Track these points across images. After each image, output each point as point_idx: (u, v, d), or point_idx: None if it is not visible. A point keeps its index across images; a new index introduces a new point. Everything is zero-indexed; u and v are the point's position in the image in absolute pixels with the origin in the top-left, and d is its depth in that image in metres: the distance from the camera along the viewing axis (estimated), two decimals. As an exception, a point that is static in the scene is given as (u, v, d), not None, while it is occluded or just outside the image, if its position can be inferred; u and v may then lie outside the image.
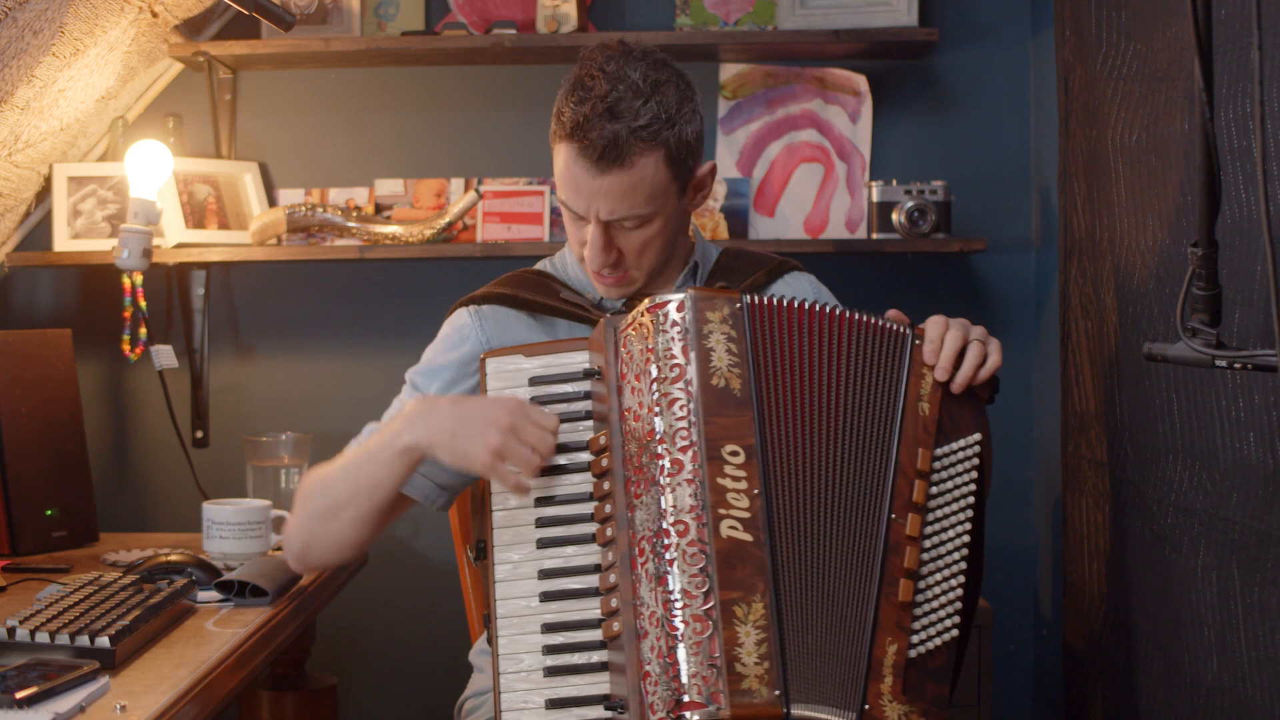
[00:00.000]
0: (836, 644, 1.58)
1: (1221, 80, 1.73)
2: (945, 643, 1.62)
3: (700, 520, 1.56)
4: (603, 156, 1.70)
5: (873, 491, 1.64)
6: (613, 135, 1.70)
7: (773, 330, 1.65)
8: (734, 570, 1.55)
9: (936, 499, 1.66)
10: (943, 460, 1.67)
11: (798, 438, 1.63)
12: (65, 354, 2.54)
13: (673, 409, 1.60)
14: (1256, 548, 1.70)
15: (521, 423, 1.63)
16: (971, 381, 1.68)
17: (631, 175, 1.72)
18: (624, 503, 1.61)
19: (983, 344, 1.70)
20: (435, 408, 1.70)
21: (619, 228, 1.76)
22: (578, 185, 1.74)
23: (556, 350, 1.73)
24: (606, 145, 1.69)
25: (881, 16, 2.77)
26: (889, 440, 1.65)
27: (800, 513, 1.60)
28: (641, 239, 1.78)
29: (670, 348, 1.62)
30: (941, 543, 1.65)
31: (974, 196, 2.86)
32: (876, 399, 1.66)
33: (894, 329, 1.69)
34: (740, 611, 1.54)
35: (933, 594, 1.63)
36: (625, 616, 1.58)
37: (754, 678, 1.52)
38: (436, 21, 2.89)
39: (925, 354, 1.68)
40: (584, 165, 1.72)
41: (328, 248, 2.78)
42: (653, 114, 1.72)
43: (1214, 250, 1.39)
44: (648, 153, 1.72)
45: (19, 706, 1.48)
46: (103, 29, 2.44)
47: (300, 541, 1.81)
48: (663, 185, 1.75)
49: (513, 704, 1.60)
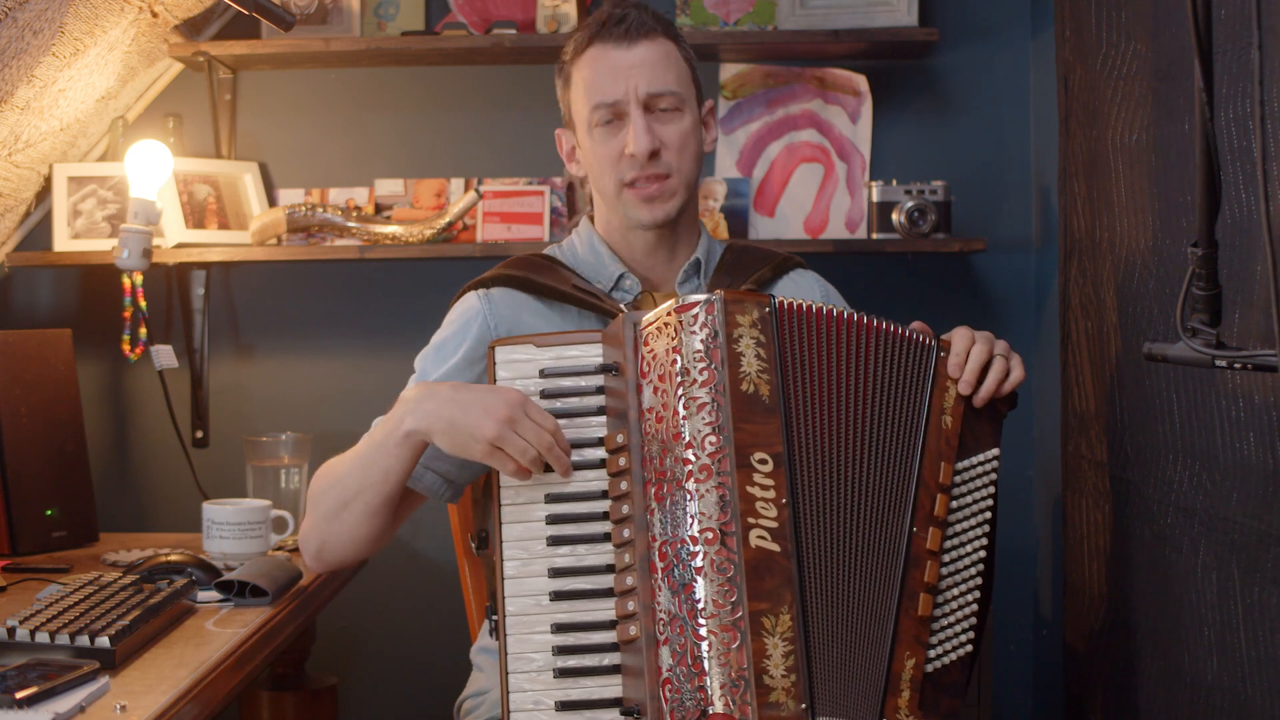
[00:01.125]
0: (858, 657, 1.58)
1: (1221, 80, 1.73)
2: (960, 658, 1.62)
3: (729, 529, 1.55)
4: (631, 29, 1.81)
5: (896, 504, 1.63)
6: (637, 16, 1.82)
7: (801, 335, 1.64)
8: (762, 581, 1.54)
9: (956, 513, 1.65)
10: (963, 474, 1.66)
11: (824, 446, 1.62)
12: (65, 354, 2.54)
13: (701, 413, 1.58)
14: (1256, 548, 1.70)
15: (519, 416, 1.62)
16: (995, 396, 1.68)
17: (661, 47, 1.82)
18: (642, 505, 1.59)
19: (1006, 359, 1.70)
20: (435, 394, 1.69)
21: (657, 115, 1.82)
22: (613, 69, 1.81)
23: (569, 342, 1.70)
24: (634, 22, 1.81)
25: (881, 16, 2.77)
26: (913, 453, 1.64)
27: (826, 523, 1.59)
28: (679, 132, 1.82)
29: (699, 350, 1.60)
30: (960, 557, 1.64)
31: (974, 196, 2.86)
32: (901, 411, 1.65)
33: (920, 340, 1.68)
34: (768, 623, 1.53)
35: (950, 608, 1.63)
36: (643, 621, 1.56)
37: (781, 690, 1.51)
38: (436, 21, 2.89)
39: (950, 367, 1.67)
40: (616, 44, 1.81)
41: (328, 248, 2.77)
42: (662, 19, 1.86)
43: (1214, 250, 1.39)
44: (668, 39, 1.84)
45: (19, 706, 1.48)
46: (103, 29, 2.44)
47: (315, 542, 1.82)
48: (687, 77, 1.85)
49: (522, 704, 1.58)
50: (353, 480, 1.76)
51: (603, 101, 1.81)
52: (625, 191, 1.83)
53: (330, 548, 1.81)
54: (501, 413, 1.62)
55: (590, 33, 1.84)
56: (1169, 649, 1.96)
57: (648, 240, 1.88)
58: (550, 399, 1.67)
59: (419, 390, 1.71)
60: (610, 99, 1.81)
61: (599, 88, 1.81)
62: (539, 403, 1.67)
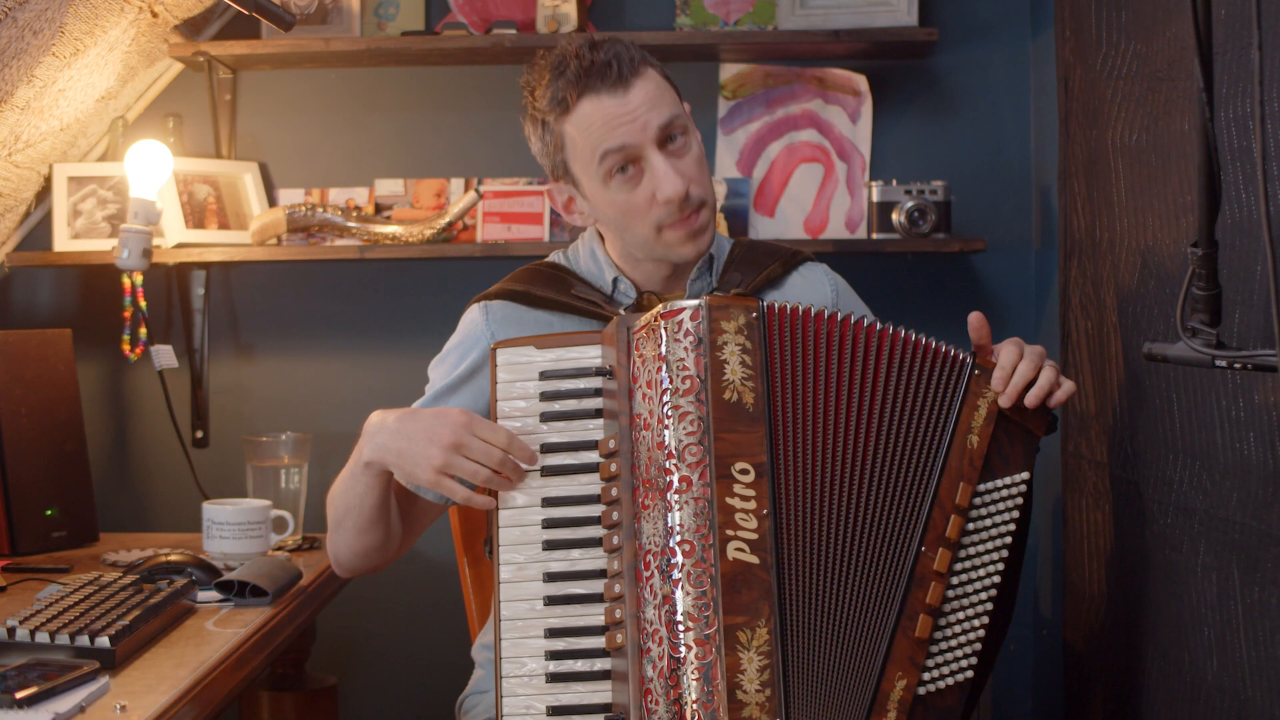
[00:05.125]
0: (843, 673, 1.56)
1: (1221, 80, 1.73)
2: (958, 683, 1.59)
3: (706, 541, 1.53)
4: (620, 71, 1.71)
5: (903, 521, 1.60)
6: (616, 52, 1.72)
7: (792, 342, 1.61)
8: (739, 594, 1.52)
9: (972, 535, 1.61)
10: (984, 497, 1.62)
11: (815, 457, 1.59)
12: (65, 354, 2.54)
13: (683, 422, 1.56)
14: (1256, 548, 1.70)
15: (465, 438, 1.61)
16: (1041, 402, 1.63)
17: (652, 80, 1.74)
18: (631, 512, 1.59)
19: (1056, 372, 1.65)
20: (384, 425, 1.69)
21: (672, 148, 1.75)
22: (616, 118, 1.72)
23: (569, 343, 1.69)
24: (618, 61, 1.71)
25: (881, 16, 2.77)
26: (930, 471, 1.61)
27: (813, 536, 1.57)
28: (696, 160, 1.77)
29: (683, 358, 1.58)
30: (970, 581, 1.61)
31: (974, 196, 2.86)
32: (918, 425, 1.62)
33: (948, 353, 1.65)
34: (744, 637, 1.51)
35: (952, 632, 1.60)
36: (629, 629, 1.56)
37: (755, 705, 1.49)
38: (436, 21, 2.89)
39: (994, 380, 1.63)
40: (610, 92, 1.72)
41: (328, 248, 2.77)
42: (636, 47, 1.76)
43: (1214, 250, 1.39)
44: (651, 68, 1.76)
45: (19, 706, 1.48)
46: (103, 29, 2.44)
47: (331, 551, 1.86)
48: (674, 93, 1.78)
49: (514, 709, 1.58)
50: (340, 501, 1.79)
51: (612, 148, 1.73)
52: (665, 233, 1.77)
53: (342, 558, 1.85)
54: (446, 439, 1.62)
55: (574, 85, 1.72)
56: (1169, 649, 1.96)
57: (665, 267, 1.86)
58: (549, 400, 1.67)
59: (377, 420, 1.72)
60: (619, 144, 1.72)
61: (604, 137, 1.73)
62: (539, 405, 1.66)
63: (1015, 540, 1.64)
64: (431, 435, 1.63)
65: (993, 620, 1.62)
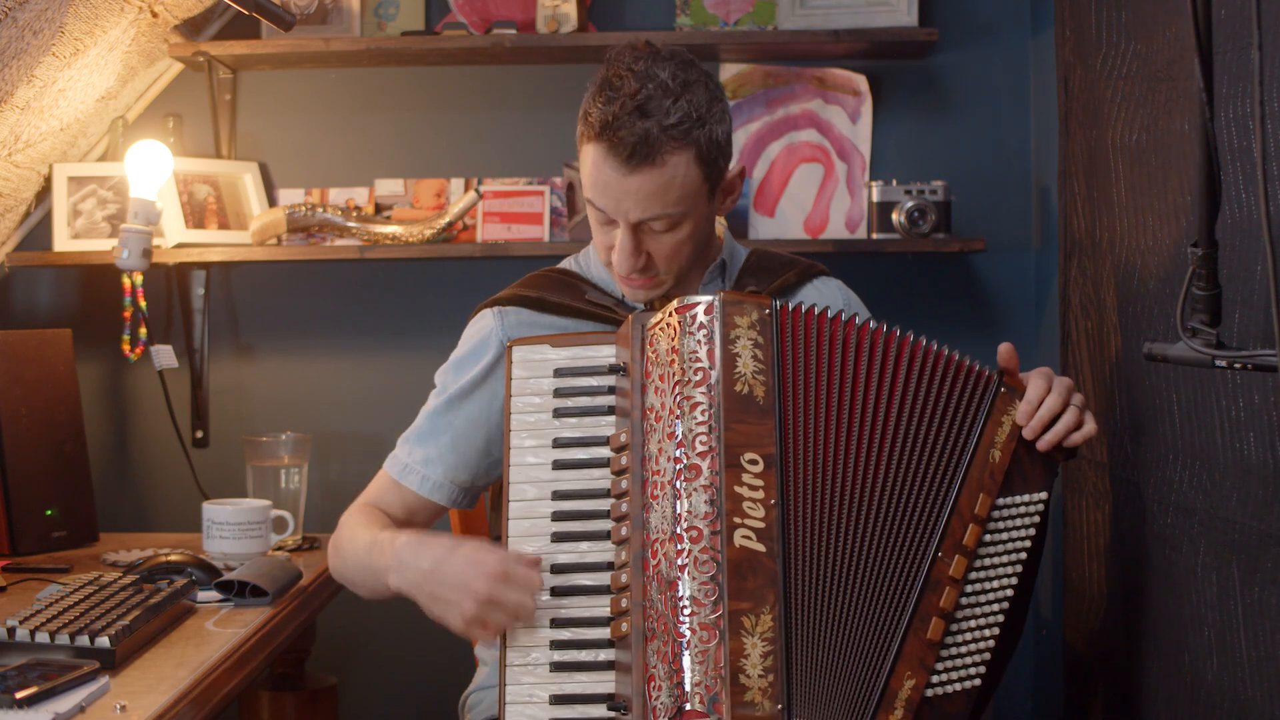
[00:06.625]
0: (850, 666, 1.57)
1: (1221, 80, 1.73)
2: (965, 690, 1.60)
3: (714, 528, 1.55)
4: (633, 155, 1.66)
5: (921, 525, 1.61)
6: (643, 133, 1.65)
7: (804, 340, 1.63)
8: (744, 581, 1.53)
9: (988, 546, 1.63)
10: (1003, 511, 1.64)
11: (826, 451, 1.61)
12: (65, 354, 2.54)
13: (694, 413, 1.59)
14: (1256, 548, 1.70)
15: (499, 592, 1.59)
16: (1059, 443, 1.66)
17: (663, 174, 1.68)
18: (640, 503, 1.60)
19: (1080, 411, 1.67)
20: (417, 564, 1.66)
21: (648, 230, 1.72)
22: (606, 185, 1.70)
23: (583, 342, 1.72)
24: (637, 143, 1.65)
25: (881, 16, 2.77)
26: (951, 479, 1.63)
27: (824, 528, 1.58)
28: (672, 242, 1.74)
29: (696, 351, 1.61)
30: (984, 591, 1.63)
31: (974, 196, 2.86)
32: (943, 435, 1.64)
33: (974, 369, 1.67)
34: (748, 623, 1.53)
35: (964, 639, 1.61)
36: (634, 618, 1.57)
37: (757, 690, 1.51)
38: (436, 21, 2.89)
39: (1020, 414, 1.65)
40: (614, 164, 1.67)
41: (328, 248, 2.78)
42: (683, 112, 1.67)
43: (1214, 250, 1.39)
44: (679, 151, 1.67)
45: (19, 706, 1.48)
46: (103, 29, 2.44)
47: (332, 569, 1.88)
48: (694, 185, 1.70)
49: (517, 696, 1.60)
50: (354, 573, 1.82)
51: (593, 200, 1.73)
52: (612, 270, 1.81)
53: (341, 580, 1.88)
54: (481, 592, 1.59)
55: (593, 130, 1.69)
56: (1169, 649, 1.96)
57: None
58: (563, 397, 1.69)
59: (409, 545, 1.68)
60: (601, 207, 1.73)
61: (593, 189, 1.73)
62: (552, 401, 1.69)
63: (1030, 558, 1.66)
64: (465, 586, 1.60)
65: (1003, 633, 1.63)
